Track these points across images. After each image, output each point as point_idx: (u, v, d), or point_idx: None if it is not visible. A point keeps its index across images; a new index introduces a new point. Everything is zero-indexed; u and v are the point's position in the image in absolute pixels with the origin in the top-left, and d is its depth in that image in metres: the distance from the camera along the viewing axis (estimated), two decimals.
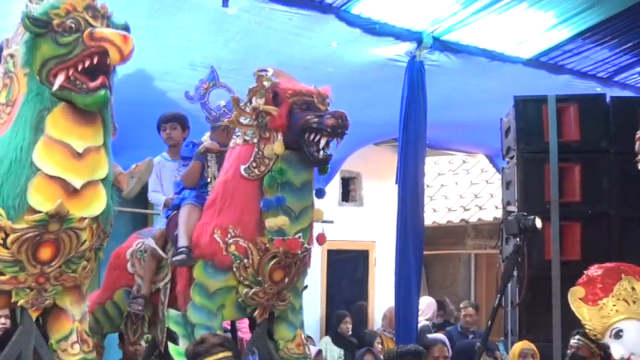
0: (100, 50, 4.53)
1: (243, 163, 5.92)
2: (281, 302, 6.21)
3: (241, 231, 5.91)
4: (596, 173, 8.50)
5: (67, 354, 5.10)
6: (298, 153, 5.81)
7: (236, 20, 7.01)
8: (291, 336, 6.39)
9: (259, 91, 5.89)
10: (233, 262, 5.90)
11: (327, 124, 5.61)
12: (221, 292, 6.03)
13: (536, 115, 8.55)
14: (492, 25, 8.69)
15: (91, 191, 4.82)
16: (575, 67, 10.10)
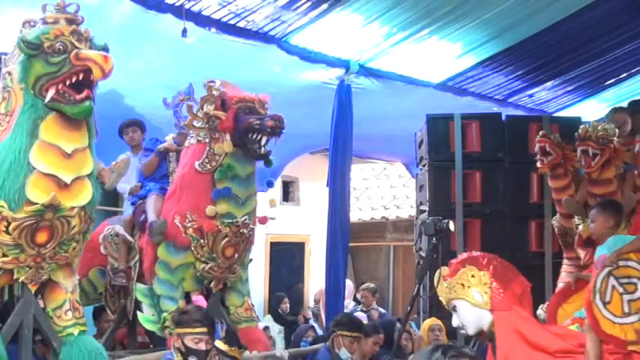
0: (84, 68, 4.66)
1: (198, 159, 6.07)
2: (232, 274, 6.37)
3: (197, 216, 6.03)
4: (493, 179, 8.70)
5: (62, 320, 5.23)
6: (243, 150, 5.98)
7: (193, 48, 7.02)
8: (240, 302, 6.57)
9: (209, 99, 6.07)
10: (191, 243, 6.07)
11: (267, 125, 5.80)
12: (182, 268, 6.20)
13: (444, 130, 8.72)
14: (408, 55, 8.77)
15: (79, 185, 4.94)
16: (477, 90, 10.21)
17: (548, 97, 11.17)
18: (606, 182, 6.26)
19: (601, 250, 5.67)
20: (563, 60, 9.97)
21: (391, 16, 7.80)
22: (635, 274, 5.27)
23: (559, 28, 8.74)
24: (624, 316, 5.20)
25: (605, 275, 5.27)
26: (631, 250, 5.34)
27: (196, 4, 6.81)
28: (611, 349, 5.17)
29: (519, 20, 8.47)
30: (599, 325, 5.20)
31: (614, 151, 6.28)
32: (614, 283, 5.26)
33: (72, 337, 5.24)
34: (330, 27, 7.77)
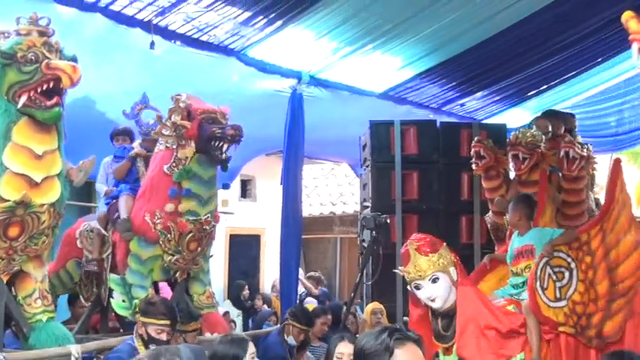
0: (54, 77, 4.68)
1: (166, 163, 6.06)
2: (195, 266, 6.39)
3: (165, 214, 6.06)
4: (429, 178, 8.77)
5: (32, 307, 5.21)
6: (206, 155, 5.98)
7: (160, 59, 6.98)
8: (203, 291, 6.58)
9: (176, 110, 6.05)
10: (160, 237, 6.07)
11: (228, 133, 5.83)
12: (151, 260, 6.21)
13: (385, 135, 8.77)
14: (354, 67, 8.80)
15: (49, 184, 4.95)
16: (415, 99, 10.27)
17: (478, 106, 11.29)
18: (534, 183, 6.35)
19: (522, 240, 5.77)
20: (491, 73, 10.11)
21: (339, 32, 7.84)
22: (563, 264, 5.38)
23: (487, 45, 8.85)
24: (556, 301, 5.32)
25: (544, 264, 5.37)
26: (561, 243, 5.43)
27: (163, 19, 6.77)
28: (546, 329, 5.29)
29: (452, 38, 8.58)
30: (539, 308, 5.29)
31: (542, 156, 6.37)
32: (550, 272, 5.37)
33: (41, 323, 5.25)
34: (284, 41, 7.78)
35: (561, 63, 10.13)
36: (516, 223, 5.83)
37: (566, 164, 6.21)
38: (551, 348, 5.27)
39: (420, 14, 7.78)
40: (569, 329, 5.32)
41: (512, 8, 8.07)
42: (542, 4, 8.13)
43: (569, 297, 5.32)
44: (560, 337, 5.33)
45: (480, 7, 7.91)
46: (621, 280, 5.40)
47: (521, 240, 5.77)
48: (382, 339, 2.62)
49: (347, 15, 7.47)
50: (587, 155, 6.33)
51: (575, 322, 5.32)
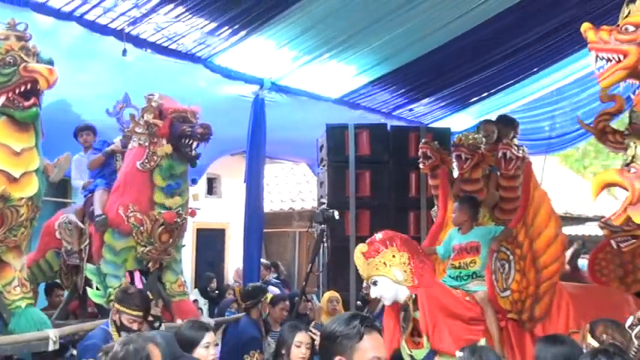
0: (32, 79, 4.69)
1: (139, 159, 6.06)
2: (167, 256, 6.38)
3: (138, 207, 6.06)
4: (380, 177, 8.83)
5: (11, 294, 5.22)
6: (177, 152, 5.98)
7: (132, 65, 6.95)
8: (175, 279, 6.58)
9: (149, 109, 6.07)
10: (133, 229, 6.05)
11: (197, 132, 5.86)
12: (124, 251, 6.18)
13: (340, 137, 8.81)
14: (312, 74, 8.83)
15: (27, 179, 4.94)
16: (367, 104, 10.31)
17: (425, 111, 11.35)
18: (475, 181, 6.41)
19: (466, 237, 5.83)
20: (436, 81, 10.20)
21: (298, 42, 7.86)
22: (505, 257, 5.49)
23: (433, 56, 8.91)
24: (504, 291, 5.41)
25: (495, 258, 5.46)
26: (503, 238, 5.54)
27: (135, 28, 6.75)
28: (500, 317, 5.38)
29: (401, 49, 8.64)
30: (496, 299, 5.39)
31: (482, 156, 6.44)
32: (498, 265, 5.47)
33: (20, 310, 5.24)
34: (247, 50, 7.77)
35: (500, 73, 10.23)
36: (462, 222, 5.89)
37: (503, 164, 6.27)
38: (502, 334, 5.38)
39: (371, 27, 7.83)
40: (514, 316, 5.44)
41: (456, 22, 8.16)
42: (482, 20, 8.24)
43: (510, 286, 5.44)
44: (508, 324, 5.45)
45: (426, 22, 7.98)
46: (545, 267, 5.57)
47: (465, 237, 5.82)
48: (354, 324, 2.70)
49: (305, 27, 7.50)
50: (522, 156, 6.41)
51: (516, 309, 5.45)
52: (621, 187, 3.15)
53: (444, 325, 5.02)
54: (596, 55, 3.25)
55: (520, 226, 5.67)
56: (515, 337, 5.38)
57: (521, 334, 5.45)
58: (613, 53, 3.17)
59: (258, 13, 7.06)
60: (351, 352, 2.68)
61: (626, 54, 3.14)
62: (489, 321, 5.25)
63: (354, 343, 2.68)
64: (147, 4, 6.45)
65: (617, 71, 3.19)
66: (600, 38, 3.22)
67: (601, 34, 3.22)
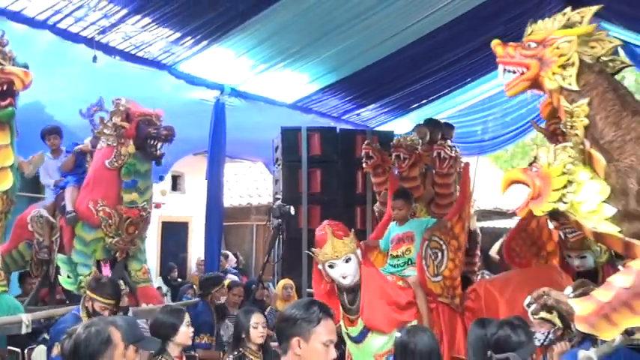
0: (8, 81, 4.59)
1: (107, 158, 6.04)
2: (133, 246, 6.37)
3: (107, 202, 6.03)
4: (329, 175, 8.87)
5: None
6: (143, 152, 5.97)
7: (102, 70, 6.86)
8: (139, 267, 6.57)
9: (117, 112, 6.03)
10: (102, 222, 6.02)
11: (161, 133, 5.87)
12: (94, 242, 6.15)
13: (294, 139, 8.84)
14: (268, 81, 8.82)
15: (2, 174, 4.83)
16: (318, 109, 10.33)
17: (371, 116, 11.45)
18: (412, 179, 6.49)
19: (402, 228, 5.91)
20: (381, 89, 10.30)
21: (255, 52, 7.86)
22: (438, 246, 5.56)
23: (378, 66, 8.97)
24: (435, 276, 5.48)
25: (426, 246, 5.53)
26: (436, 229, 5.62)
27: (104, 37, 6.67)
28: (430, 299, 5.43)
29: (349, 59, 8.70)
30: (425, 282, 5.46)
31: (419, 156, 6.53)
32: (430, 252, 5.53)
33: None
34: (209, 59, 7.75)
35: (437, 82, 10.38)
36: (397, 215, 5.97)
37: (438, 163, 6.41)
38: (433, 315, 5.42)
39: (321, 40, 7.88)
40: (445, 299, 5.51)
41: (396, 38, 8.26)
42: (419, 36, 8.35)
43: (442, 272, 5.52)
44: (439, 306, 5.53)
45: (370, 37, 8.05)
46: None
47: (401, 229, 5.87)
48: (313, 310, 2.78)
49: (262, 38, 7.50)
50: (455, 156, 6.56)
51: (448, 293, 5.53)
52: (524, 184, 3.27)
53: (377, 305, 5.05)
54: (504, 67, 3.36)
55: (456, 220, 5.73)
56: (445, 318, 5.45)
57: (452, 316, 5.51)
58: (517, 66, 3.30)
59: (219, 25, 7.04)
60: (309, 334, 2.74)
61: (529, 67, 3.26)
62: (420, 302, 5.32)
63: (311, 326, 2.75)
64: (116, 14, 6.39)
65: (520, 82, 3.31)
66: (507, 53, 3.34)
67: (508, 49, 3.35)
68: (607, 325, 2.94)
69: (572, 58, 3.16)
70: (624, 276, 2.97)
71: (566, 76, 3.17)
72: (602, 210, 3.09)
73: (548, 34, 3.23)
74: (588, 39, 3.19)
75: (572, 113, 3.18)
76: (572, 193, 3.15)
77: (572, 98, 3.18)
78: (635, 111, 3.14)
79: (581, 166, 3.20)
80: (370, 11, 7.38)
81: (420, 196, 6.41)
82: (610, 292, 2.97)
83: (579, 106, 3.15)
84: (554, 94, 3.24)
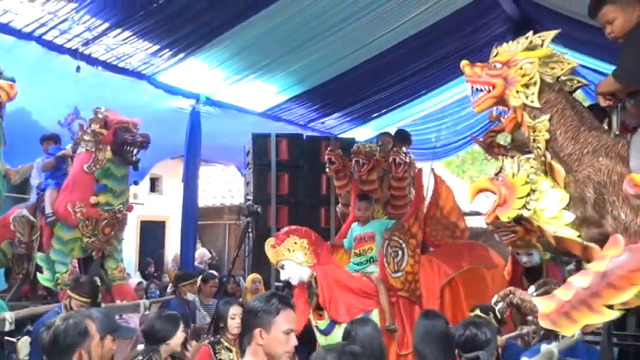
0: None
1: (86, 163, 5.99)
2: (109, 246, 6.29)
3: (84, 204, 5.94)
4: (296, 178, 8.84)
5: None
6: (120, 157, 5.93)
7: (85, 80, 6.79)
8: (115, 266, 6.48)
9: (96, 120, 6.01)
10: (79, 223, 5.94)
11: (137, 140, 5.85)
12: (71, 241, 6.07)
13: (264, 144, 8.79)
14: (241, 91, 8.81)
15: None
16: (287, 117, 10.32)
17: (335, 124, 11.46)
18: (371, 182, 6.51)
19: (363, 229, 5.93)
20: (344, 100, 10.32)
21: (229, 64, 7.86)
22: (398, 245, 5.60)
23: (341, 78, 9.03)
24: (395, 272, 5.51)
25: (387, 245, 5.56)
26: (395, 230, 5.67)
27: (87, 48, 6.62)
28: (391, 294, 5.47)
29: (314, 72, 8.73)
30: (387, 278, 5.49)
31: (377, 162, 6.57)
32: (390, 251, 5.56)
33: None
34: (185, 70, 7.72)
35: (396, 94, 10.44)
36: (362, 215, 6.00)
37: (394, 168, 6.44)
38: (394, 309, 5.46)
39: (289, 54, 7.90)
40: (405, 293, 5.55)
41: (359, 52, 8.33)
42: (378, 51, 8.43)
43: (403, 269, 5.56)
44: (399, 300, 5.57)
45: (333, 52, 8.10)
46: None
47: (363, 229, 5.88)
48: (273, 302, 2.77)
49: (234, 52, 7.51)
50: (409, 161, 6.60)
51: (408, 288, 5.57)
52: (492, 192, 3.31)
53: (340, 298, 5.11)
54: (472, 86, 3.39)
55: (413, 221, 5.79)
56: (405, 311, 5.50)
57: (412, 308, 5.54)
58: (484, 85, 3.30)
59: (195, 39, 7.03)
60: (269, 325, 2.74)
61: (495, 86, 3.28)
62: (382, 296, 5.37)
63: (272, 317, 2.75)
64: (98, 27, 6.34)
65: (487, 99, 3.33)
66: (475, 72, 3.35)
67: (475, 69, 3.36)
68: (567, 322, 2.97)
69: (534, 78, 3.19)
70: (583, 277, 3.00)
71: (529, 95, 3.19)
72: (562, 216, 3.13)
73: (512, 56, 3.25)
74: (549, 60, 3.22)
75: (535, 128, 3.21)
76: (534, 201, 3.18)
77: (534, 115, 3.20)
78: (591, 126, 3.18)
79: (543, 176, 3.24)
80: (334, 28, 7.44)
81: (377, 198, 6.44)
82: (570, 292, 2.99)
83: (541, 121, 3.18)
84: (518, 110, 3.26)
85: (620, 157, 3.05)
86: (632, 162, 2.98)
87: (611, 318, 2.92)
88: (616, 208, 2.99)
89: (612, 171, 3.02)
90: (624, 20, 3.19)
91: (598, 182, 3.04)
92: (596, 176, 3.05)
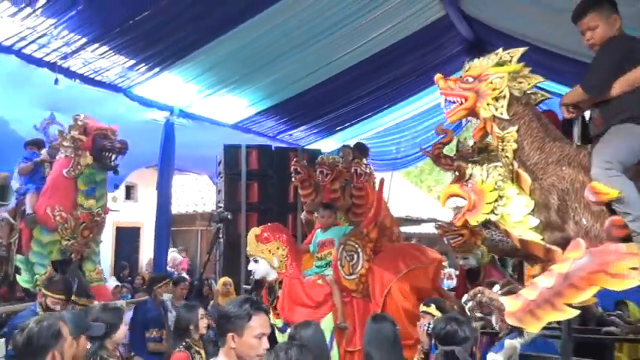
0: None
1: (65, 168, 5.94)
2: (88, 248, 6.20)
3: (63, 208, 5.88)
4: (265, 187, 8.90)
5: None
6: (99, 163, 5.91)
7: (63, 92, 6.70)
8: (93, 268, 6.40)
9: (75, 127, 5.97)
10: (58, 226, 5.86)
11: (116, 146, 5.85)
12: (50, 244, 5.99)
13: (235, 155, 8.84)
14: (213, 104, 8.79)
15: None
16: (257, 129, 10.31)
17: (302, 136, 11.48)
18: (334, 191, 6.57)
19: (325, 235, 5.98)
20: (310, 113, 10.37)
21: (202, 79, 7.84)
22: (353, 249, 5.64)
23: (307, 94, 9.08)
24: (350, 275, 5.54)
25: (342, 250, 5.60)
26: (352, 235, 5.71)
27: (66, 62, 6.52)
28: (344, 295, 5.50)
29: (282, 88, 8.77)
30: (340, 280, 5.52)
31: (339, 172, 6.62)
32: (345, 255, 5.59)
33: None
34: (160, 83, 7.67)
35: (359, 108, 10.53)
36: (324, 222, 6.06)
37: (355, 178, 6.51)
38: (348, 308, 5.50)
39: (259, 70, 7.92)
40: (359, 294, 5.59)
41: (325, 69, 8.40)
42: (342, 69, 8.51)
43: (358, 272, 5.59)
44: (353, 300, 5.60)
45: (299, 69, 8.15)
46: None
47: (325, 235, 5.97)
48: (245, 307, 2.75)
49: (207, 67, 7.50)
50: (369, 172, 6.68)
51: (362, 289, 5.60)
52: (461, 197, 3.35)
53: (295, 308, 5.23)
54: (445, 98, 3.42)
55: (372, 227, 5.84)
56: (358, 310, 5.54)
57: (365, 308, 5.59)
58: (457, 97, 3.33)
59: (170, 54, 7.00)
60: (242, 330, 2.73)
61: (467, 98, 3.30)
62: (335, 297, 5.43)
63: (244, 322, 2.73)
64: (76, 42, 6.26)
65: (459, 111, 3.34)
66: (448, 86, 3.37)
67: (449, 82, 3.38)
68: (532, 319, 2.99)
69: (503, 92, 3.22)
70: (547, 277, 3.02)
71: (499, 107, 3.22)
72: (527, 221, 3.16)
73: (483, 71, 3.28)
74: (517, 75, 3.25)
75: (504, 138, 3.24)
76: (502, 206, 3.21)
77: (503, 126, 3.23)
78: (555, 137, 3.23)
79: (510, 183, 3.27)
80: (301, 47, 7.49)
81: (340, 205, 6.49)
82: (535, 291, 3.02)
83: (509, 132, 3.21)
84: (488, 121, 3.29)
85: (582, 166, 3.10)
86: (593, 170, 3.03)
87: (572, 316, 2.97)
88: (578, 213, 3.04)
89: (575, 179, 3.08)
90: (604, 30, 3.22)
91: (561, 190, 3.09)
92: (560, 184, 3.10)
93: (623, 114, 3.09)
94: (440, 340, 3.49)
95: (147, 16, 6.01)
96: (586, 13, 3.28)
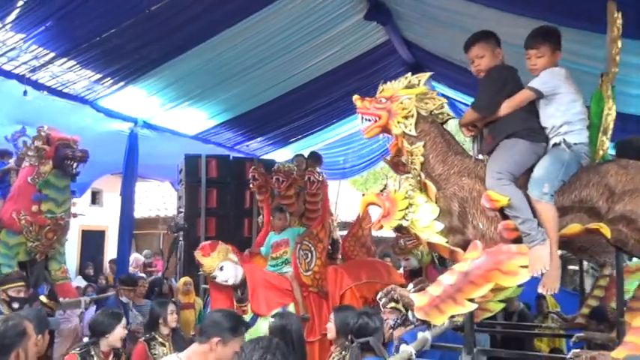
0: None
1: (29, 175, 5.78)
2: (52, 249, 6.06)
3: (28, 212, 5.71)
4: (224, 194, 8.84)
5: None
6: (61, 170, 5.75)
7: (32, 103, 6.49)
8: (59, 267, 6.25)
9: (39, 137, 5.82)
10: (23, 229, 5.70)
11: (77, 155, 5.71)
12: (16, 246, 5.81)
13: (195, 164, 8.75)
14: (175, 117, 8.66)
15: None
16: (216, 140, 10.19)
17: (258, 147, 11.42)
18: (289, 197, 6.59)
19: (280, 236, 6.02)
20: (267, 126, 10.31)
21: (164, 92, 7.73)
22: (308, 248, 5.70)
23: (263, 108, 9.06)
24: (306, 271, 5.60)
25: (299, 249, 5.65)
26: (305, 236, 5.76)
27: (35, 74, 6.32)
28: (303, 290, 5.54)
29: (240, 102, 8.72)
30: (299, 276, 5.56)
31: (294, 179, 6.66)
32: (301, 253, 5.65)
33: None
34: (125, 96, 7.51)
35: (311, 122, 10.58)
36: (280, 225, 6.07)
37: (308, 185, 6.55)
38: (306, 302, 5.57)
39: (219, 85, 7.87)
40: (314, 289, 5.64)
41: (279, 85, 8.41)
42: (296, 85, 8.53)
43: (312, 268, 5.64)
44: (310, 294, 5.65)
45: (257, 84, 8.13)
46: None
47: (279, 236, 6.02)
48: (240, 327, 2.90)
49: (170, 81, 7.41)
50: (322, 180, 6.73)
51: (317, 284, 5.66)
52: (378, 205, 3.44)
53: (261, 293, 5.17)
54: (362, 116, 3.52)
55: (320, 228, 5.91)
56: (315, 303, 5.61)
57: (320, 301, 5.68)
58: (372, 116, 3.44)
59: (134, 69, 6.88)
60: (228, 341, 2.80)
61: (380, 117, 3.42)
62: (295, 291, 5.46)
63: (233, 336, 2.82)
64: (45, 56, 6.08)
65: (374, 128, 3.46)
66: (364, 105, 3.49)
67: (365, 102, 3.50)
68: (437, 313, 3.10)
69: (412, 111, 3.35)
70: (450, 275, 3.13)
71: (408, 125, 3.34)
72: (434, 226, 3.28)
73: (395, 92, 3.41)
74: (424, 97, 3.39)
75: (412, 152, 3.37)
76: (412, 213, 3.33)
77: (411, 141, 3.36)
78: (457, 152, 3.38)
79: (419, 192, 3.39)
80: (257, 65, 7.51)
81: (294, 211, 6.52)
82: (439, 288, 3.13)
83: (417, 147, 3.34)
84: (398, 137, 3.42)
85: (479, 177, 3.25)
86: (487, 181, 3.16)
87: (472, 309, 3.07)
88: (475, 218, 3.18)
89: (473, 189, 3.22)
90: (490, 59, 3.41)
91: (461, 198, 3.23)
92: (460, 193, 3.24)
93: (508, 130, 3.25)
94: (354, 334, 3.55)
95: (113, 33, 5.91)
96: (475, 44, 3.46)
